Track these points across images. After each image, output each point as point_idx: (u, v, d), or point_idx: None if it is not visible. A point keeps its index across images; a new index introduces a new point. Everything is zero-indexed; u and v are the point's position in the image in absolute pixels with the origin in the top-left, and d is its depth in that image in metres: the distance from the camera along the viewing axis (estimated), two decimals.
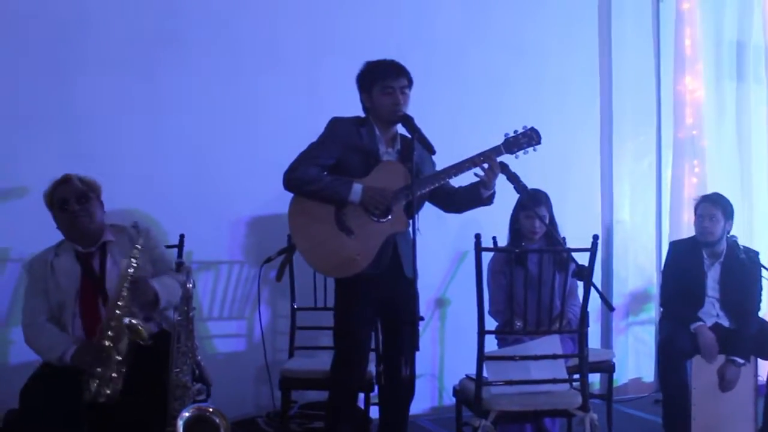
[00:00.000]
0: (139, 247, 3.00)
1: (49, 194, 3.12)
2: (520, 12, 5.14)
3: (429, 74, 3.31)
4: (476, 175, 3.29)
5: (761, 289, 4.24)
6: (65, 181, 3.13)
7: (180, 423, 2.73)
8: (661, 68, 5.56)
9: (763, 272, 4.26)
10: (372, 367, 3.67)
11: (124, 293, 2.93)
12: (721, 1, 5.66)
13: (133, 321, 2.89)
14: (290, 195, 3.26)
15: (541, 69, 5.15)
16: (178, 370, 2.87)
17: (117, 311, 2.91)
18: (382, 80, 3.23)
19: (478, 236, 3.29)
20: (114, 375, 2.86)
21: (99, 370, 2.86)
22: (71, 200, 3.07)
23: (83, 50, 4.05)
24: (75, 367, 2.90)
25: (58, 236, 3.13)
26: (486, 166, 3.24)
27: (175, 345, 2.88)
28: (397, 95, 3.22)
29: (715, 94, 5.63)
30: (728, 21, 5.70)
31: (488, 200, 3.33)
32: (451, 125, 4.41)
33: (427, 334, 4.73)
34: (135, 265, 2.97)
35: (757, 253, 4.28)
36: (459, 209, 3.46)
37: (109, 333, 2.89)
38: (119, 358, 2.87)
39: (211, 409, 2.82)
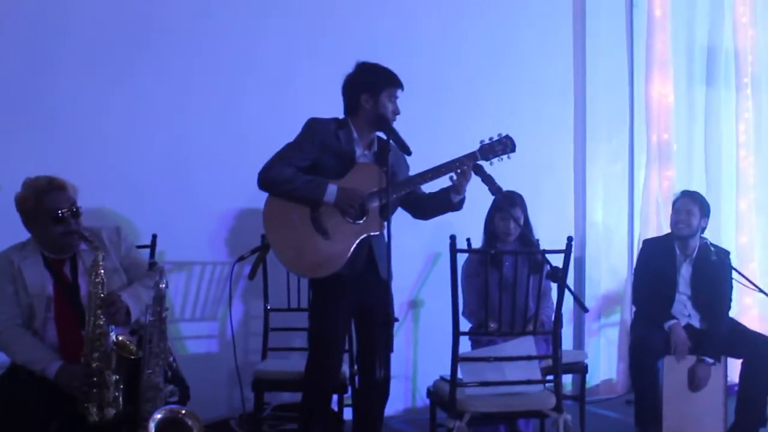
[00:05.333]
0: (100, 260, 2.87)
1: (33, 198, 2.88)
2: (495, 18, 5.17)
3: (405, 79, 3.32)
4: (450, 179, 3.30)
5: (731, 289, 4.30)
6: (60, 187, 2.92)
7: (152, 425, 2.70)
8: (634, 73, 5.61)
9: (733, 273, 4.32)
10: (345, 368, 3.67)
11: (99, 312, 2.84)
12: (692, 7, 5.73)
13: (120, 337, 2.85)
14: (264, 195, 3.24)
15: (517, 74, 5.18)
16: (150, 371, 2.83)
17: (97, 331, 2.83)
18: (393, 88, 3.27)
19: (453, 237, 3.29)
20: (116, 395, 2.80)
21: (95, 391, 2.78)
22: (67, 212, 2.89)
23: (56, 49, 3.99)
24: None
25: (25, 235, 3.03)
26: (459, 171, 3.25)
27: (147, 346, 2.84)
28: (397, 104, 3.28)
29: (686, 99, 5.70)
30: (699, 27, 5.78)
31: (458, 206, 3.35)
32: (427, 130, 4.41)
33: (400, 335, 4.73)
34: (101, 281, 2.86)
35: (727, 253, 4.35)
36: (428, 215, 3.47)
37: (95, 355, 2.81)
38: (116, 377, 2.81)
39: (183, 411, 2.79)
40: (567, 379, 4.78)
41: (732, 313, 4.37)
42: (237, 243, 4.28)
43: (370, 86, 3.26)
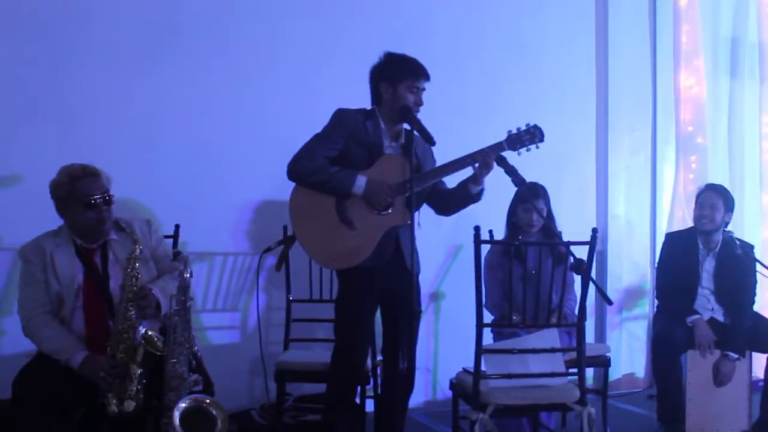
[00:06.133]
0: (138, 254, 2.92)
1: (67, 184, 2.91)
2: (518, 9, 5.14)
3: (429, 71, 3.31)
4: (473, 168, 3.28)
5: (755, 282, 4.25)
6: (93, 174, 2.94)
7: (176, 414, 2.70)
8: (657, 64, 5.56)
9: (758, 266, 4.27)
10: (368, 360, 3.65)
11: (130, 306, 2.87)
12: None
13: (149, 332, 2.85)
14: (287, 186, 3.25)
15: (539, 65, 5.15)
16: (174, 360, 2.83)
17: (126, 323, 2.85)
18: (414, 78, 3.24)
19: (477, 228, 3.26)
20: (138, 388, 2.80)
21: (117, 382, 2.79)
22: (99, 199, 2.92)
23: (80, 41, 4.02)
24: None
25: (52, 226, 3.04)
26: (482, 161, 3.23)
27: (171, 335, 2.85)
28: (420, 95, 3.25)
29: (710, 91, 5.63)
30: (724, 17, 5.71)
31: (477, 197, 3.34)
32: (450, 122, 4.39)
33: (421, 328, 4.60)
34: (135, 274, 2.90)
35: (752, 247, 4.29)
36: (451, 210, 3.46)
37: (121, 346, 2.83)
38: (140, 371, 2.81)
39: (207, 400, 2.79)
40: (589, 373, 4.74)
41: (755, 307, 4.32)
42: (259, 234, 4.29)
43: (390, 76, 3.25)
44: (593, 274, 4.96)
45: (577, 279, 3.56)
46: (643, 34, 5.57)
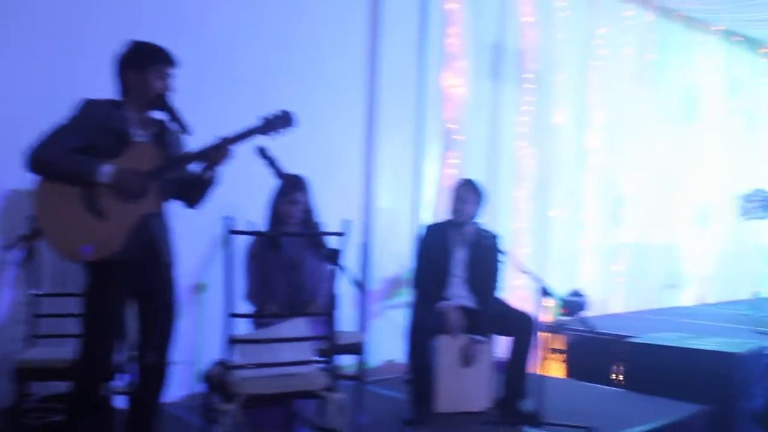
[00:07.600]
0: None
1: None
2: (291, 7, 5.17)
3: (197, 67, 3.25)
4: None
5: (498, 270, 4.59)
6: None
7: None
8: (425, 65, 5.83)
9: (503, 256, 4.62)
10: (119, 355, 3.54)
11: None
12: (482, 4, 6.07)
13: None
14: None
15: (311, 63, 5.21)
16: None
17: None
18: (161, 64, 3.17)
19: (227, 219, 3.27)
20: None
21: None
22: None
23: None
24: None
25: None
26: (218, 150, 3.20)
27: None
28: (169, 81, 3.19)
29: (473, 91, 6.02)
30: (488, 24, 6.13)
31: (210, 181, 3.30)
32: (218, 119, 4.30)
33: (183, 320, 4.58)
34: None
35: (494, 236, 4.61)
36: (195, 199, 3.41)
37: None
38: None
39: None
40: (352, 360, 4.88)
41: (504, 294, 4.68)
42: (7, 226, 4.00)
43: (136, 63, 3.18)
44: (357, 266, 5.18)
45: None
46: (413, 35, 5.82)
